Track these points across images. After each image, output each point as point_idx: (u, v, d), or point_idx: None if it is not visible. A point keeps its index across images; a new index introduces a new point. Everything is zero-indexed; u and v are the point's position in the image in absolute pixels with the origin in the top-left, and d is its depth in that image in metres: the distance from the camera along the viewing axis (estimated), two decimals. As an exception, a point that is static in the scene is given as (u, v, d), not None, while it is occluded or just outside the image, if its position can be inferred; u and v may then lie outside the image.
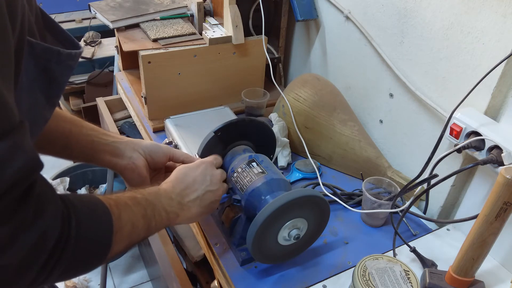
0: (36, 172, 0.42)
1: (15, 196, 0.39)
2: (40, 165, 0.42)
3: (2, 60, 0.38)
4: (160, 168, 0.83)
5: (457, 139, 0.80)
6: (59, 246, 0.44)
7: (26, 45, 0.43)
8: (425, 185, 0.85)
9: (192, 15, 1.25)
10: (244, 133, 0.88)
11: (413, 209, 0.95)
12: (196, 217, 0.73)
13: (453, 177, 0.87)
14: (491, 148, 0.75)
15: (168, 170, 0.83)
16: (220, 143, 0.85)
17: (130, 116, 1.41)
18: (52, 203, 0.44)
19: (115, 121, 1.41)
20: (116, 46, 1.44)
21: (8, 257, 0.40)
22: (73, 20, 2.24)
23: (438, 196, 0.92)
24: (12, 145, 0.38)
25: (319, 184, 0.99)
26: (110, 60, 1.95)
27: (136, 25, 1.20)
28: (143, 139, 1.22)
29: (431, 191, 0.87)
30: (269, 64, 1.19)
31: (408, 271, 0.71)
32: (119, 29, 1.19)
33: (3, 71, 0.38)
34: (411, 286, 0.68)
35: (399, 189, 0.88)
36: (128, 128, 1.42)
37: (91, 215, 0.50)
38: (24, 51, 0.42)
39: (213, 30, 1.17)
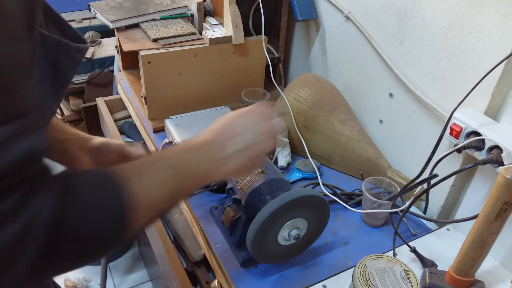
0: (34, 164, 0.40)
1: (8, 183, 0.37)
2: (40, 158, 0.40)
3: (22, 47, 0.38)
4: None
5: (457, 139, 0.80)
6: (53, 239, 0.40)
7: (39, 37, 0.43)
8: (425, 185, 0.85)
9: (192, 15, 1.25)
10: (244, 133, 0.87)
11: (413, 209, 0.95)
12: (235, 173, 0.65)
13: (453, 177, 0.86)
14: (491, 148, 0.75)
15: None
16: (220, 143, 0.85)
17: (130, 116, 1.41)
18: (43, 192, 0.40)
19: (115, 121, 1.41)
20: (116, 46, 1.44)
21: None
22: (73, 20, 2.24)
23: (438, 196, 0.92)
24: (17, 130, 0.36)
25: (319, 184, 0.99)
26: (110, 60, 1.95)
27: (136, 25, 1.20)
28: (143, 139, 1.22)
29: (431, 191, 0.87)
30: (269, 64, 1.19)
31: (408, 271, 0.71)
32: (119, 29, 1.19)
33: (22, 58, 0.38)
34: (411, 286, 0.68)
35: (399, 189, 0.88)
36: (128, 128, 1.41)
37: (95, 197, 0.44)
38: (38, 42, 0.43)
39: (213, 30, 1.17)
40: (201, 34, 1.18)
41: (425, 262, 0.80)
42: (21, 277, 0.40)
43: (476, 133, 0.77)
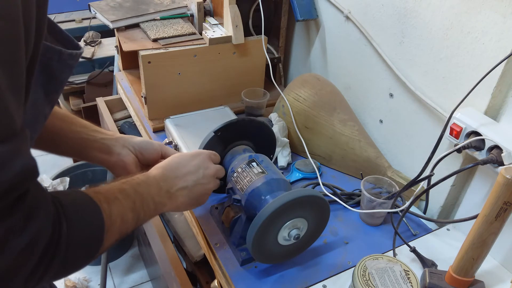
0: (32, 180, 0.42)
1: (8, 201, 0.39)
2: (36, 173, 0.42)
3: (14, 68, 0.38)
4: (152, 165, 0.82)
5: (457, 139, 0.80)
6: (50, 251, 0.44)
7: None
8: (425, 185, 0.85)
9: (192, 15, 1.25)
10: (244, 133, 0.88)
11: (413, 209, 0.95)
12: (184, 207, 0.73)
13: (453, 177, 0.87)
14: (491, 148, 0.75)
15: None
16: (220, 143, 0.85)
17: (130, 116, 1.41)
18: (43, 208, 0.44)
19: (115, 121, 1.41)
20: (116, 46, 1.44)
21: None
22: (73, 20, 2.24)
23: (438, 196, 0.92)
24: (11, 150, 0.38)
25: (319, 184, 0.99)
26: (110, 60, 1.95)
27: (136, 25, 1.20)
28: (143, 139, 1.22)
29: (431, 191, 0.87)
30: (269, 64, 1.19)
31: (408, 271, 0.71)
32: (119, 29, 1.19)
33: (13, 78, 0.38)
34: (411, 286, 0.68)
35: (398, 189, 0.88)
36: (128, 128, 1.41)
37: (82, 216, 0.50)
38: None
39: (213, 30, 1.17)
40: (201, 34, 1.18)
41: (425, 262, 0.80)
42: (24, 282, 0.43)
43: (476, 133, 0.77)
